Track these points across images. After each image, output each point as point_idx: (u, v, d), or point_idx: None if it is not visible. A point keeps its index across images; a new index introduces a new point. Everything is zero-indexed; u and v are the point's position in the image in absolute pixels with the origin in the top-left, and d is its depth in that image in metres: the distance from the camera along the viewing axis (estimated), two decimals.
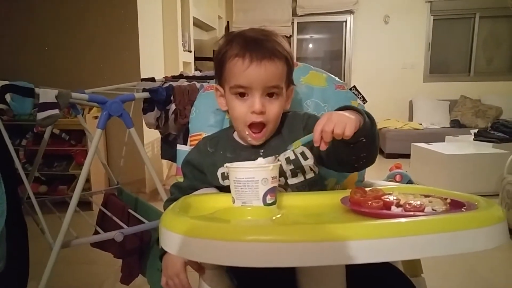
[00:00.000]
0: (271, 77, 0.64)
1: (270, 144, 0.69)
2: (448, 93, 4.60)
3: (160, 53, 3.01)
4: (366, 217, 0.48)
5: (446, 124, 4.37)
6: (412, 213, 0.46)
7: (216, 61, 0.69)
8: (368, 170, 0.76)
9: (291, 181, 0.66)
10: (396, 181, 2.10)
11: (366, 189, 0.57)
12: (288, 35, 4.68)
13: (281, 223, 0.47)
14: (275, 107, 0.65)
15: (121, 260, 1.39)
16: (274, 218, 0.48)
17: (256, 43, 0.63)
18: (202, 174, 0.70)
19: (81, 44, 2.57)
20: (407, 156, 3.27)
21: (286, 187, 0.67)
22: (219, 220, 0.48)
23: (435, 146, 2.91)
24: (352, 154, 0.60)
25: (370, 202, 0.50)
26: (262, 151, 0.68)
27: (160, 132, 1.73)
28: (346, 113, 0.54)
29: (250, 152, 0.68)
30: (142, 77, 2.45)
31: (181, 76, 1.72)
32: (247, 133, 0.66)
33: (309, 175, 0.67)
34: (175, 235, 0.42)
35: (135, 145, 1.22)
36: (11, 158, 1.08)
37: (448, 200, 0.51)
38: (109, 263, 1.58)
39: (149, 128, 1.62)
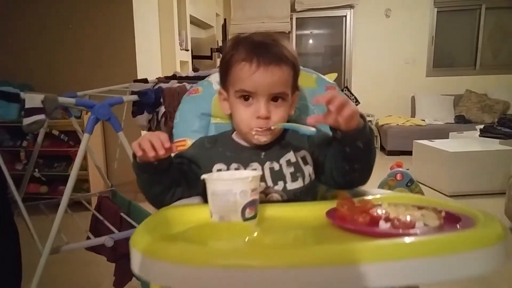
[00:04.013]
0: (277, 83, 0.62)
1: (272, 148, 0.67)
2: (453, 87, 4.49)
3: (157, 52, 2.98)
4: (351, 234, 0.45)
5: (450, 120, 4.26)
6: (400, 230, 0.42)
7: (221, 65, 0.68)
8: None
9: (290, 186, 0.64)
10: (397, 180, 2.05)
11: (354, 199, 0.53)
12: (287, 32, 4.60)
13: (251, 247, 0.42)
14: (280, 112, 0.64)
15: None
16: (247, 239, 0.44)
17: (264, 48, 0.62)
18: (192, 167, 0.66)
19: (77, 44, 2.54)
20: (409, 153, 3.20)
21: (283, 194, 0.64)
22: (187, 240, 0.44)
23: (438, 143, 2.84)
24: (347, 161, 0.59)
25: (356, 217, 0.46)
26: (263, 153, 0.67)
27: None
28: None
29: (251, 153, 0.67)
30: (139, 76, 2.42)
31: (173, 77, 1.68)
32: (253, 133, 0.65)
33: (307, 180, 0.66)
34: (139, 255, 0.40)
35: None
36: None
37: (443, 214, 0.47)
38: (106, 265, 1.56)
39: (142, 130, 1.59)
